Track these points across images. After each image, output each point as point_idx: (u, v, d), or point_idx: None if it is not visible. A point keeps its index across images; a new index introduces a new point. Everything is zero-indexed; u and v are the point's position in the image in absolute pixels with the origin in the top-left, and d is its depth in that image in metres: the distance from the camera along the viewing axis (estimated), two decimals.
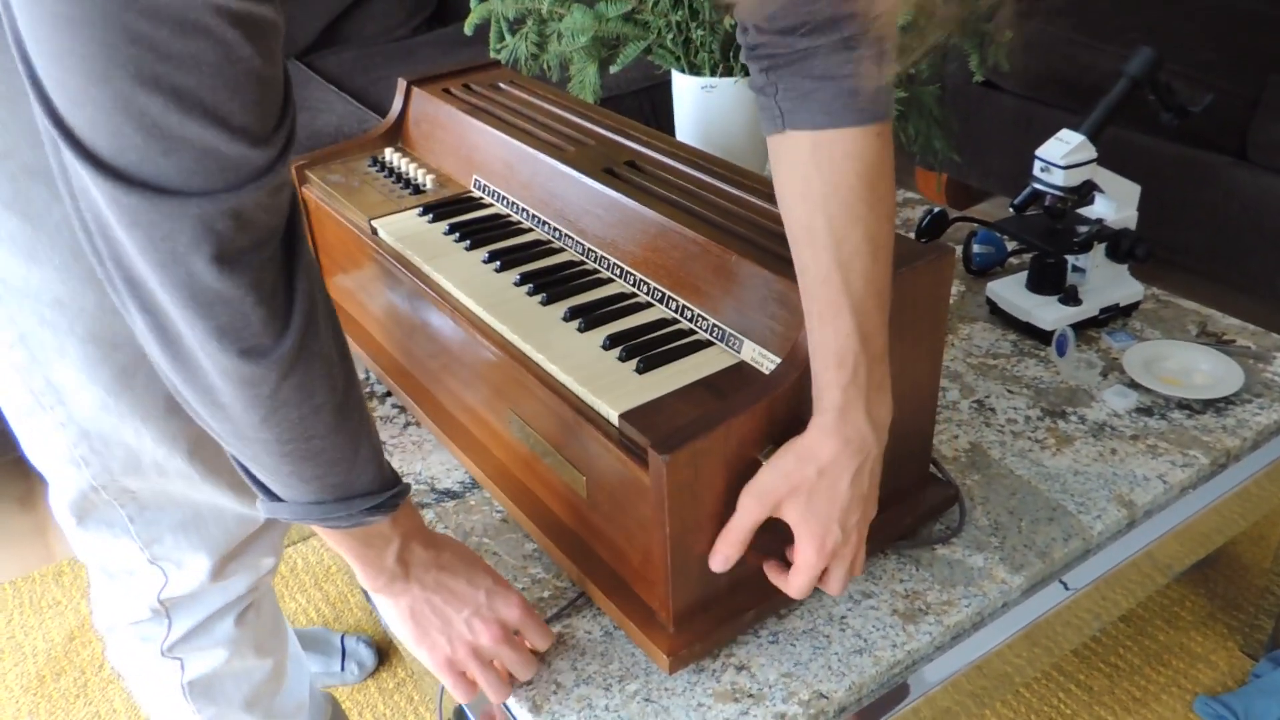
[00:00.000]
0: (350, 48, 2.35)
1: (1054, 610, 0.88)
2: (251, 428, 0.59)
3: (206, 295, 0.53)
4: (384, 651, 1.40)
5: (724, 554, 0.74)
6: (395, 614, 0.75)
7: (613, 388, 0.79)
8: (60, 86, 0.47)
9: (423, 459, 1.04)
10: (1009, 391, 1.11)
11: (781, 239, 0.83)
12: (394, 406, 1.13)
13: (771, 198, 0.89)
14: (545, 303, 0.90)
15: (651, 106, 2.10)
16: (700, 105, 1.42)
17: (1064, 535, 0.91)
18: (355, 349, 1.17)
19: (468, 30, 1.50)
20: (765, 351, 0.79)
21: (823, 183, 0.67)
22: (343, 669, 1.34)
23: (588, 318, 0.87)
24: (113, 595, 0.85)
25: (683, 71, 1.42)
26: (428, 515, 0.97)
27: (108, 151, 0.48)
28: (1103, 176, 1.17)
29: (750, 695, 0.78)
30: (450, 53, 2.22)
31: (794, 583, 0.74)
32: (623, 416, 0.75)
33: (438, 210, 1.08)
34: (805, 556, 0.73)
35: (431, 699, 1.32)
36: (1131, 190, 1.20)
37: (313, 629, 1.39)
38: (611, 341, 0.84)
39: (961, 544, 0.91)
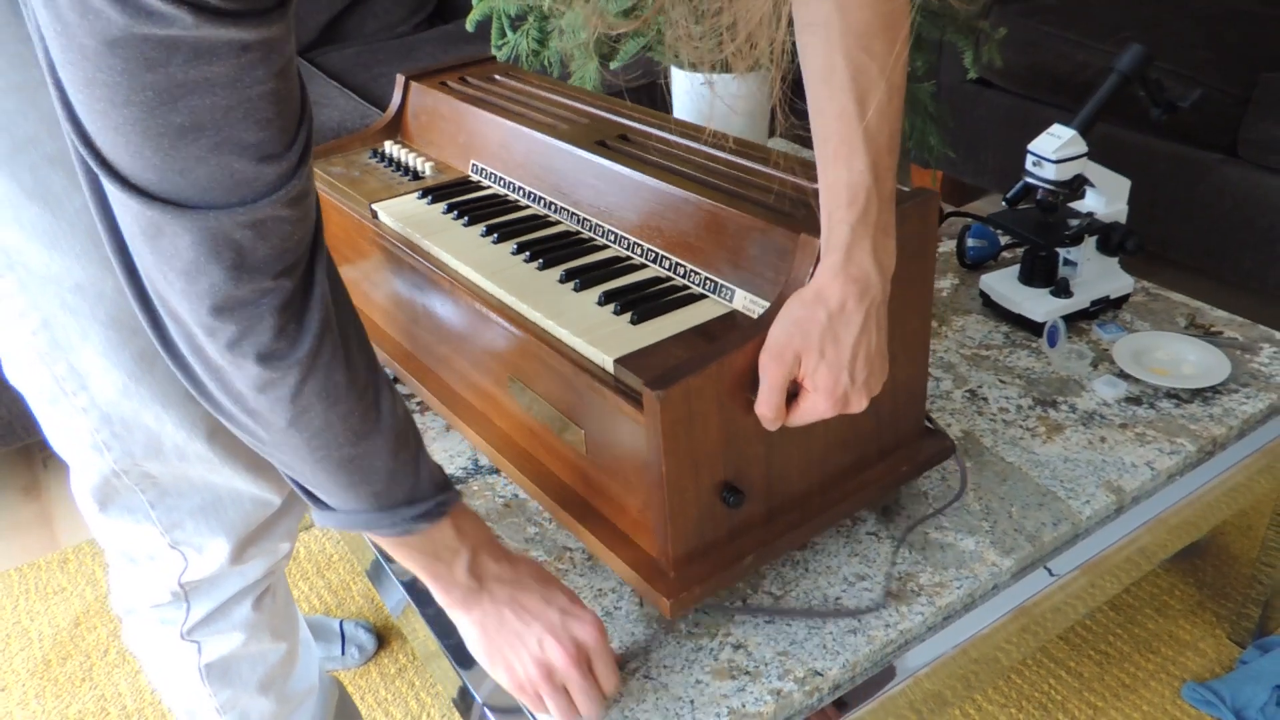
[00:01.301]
0: (352, 44, 2.36)
1: (1043, 593, 0.90)
2: (280, 433, 0.61)
3: (227, 303, 0.55)
4: (383, 636, 1.42)
5: (767, 419, 0.73)
6: (470, 629, 0.76)
7: (608, 338, 0.81)
8: (87, 109, 0.50)
9: (429, 443, 1.06)
10: (1001, 381, 1.13)
11: (772, 193, 0.86)
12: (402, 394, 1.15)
13: (761, 159, 0.92)
14: (542, 268, 0.93)
15: (650, 103, 2.12)
16: (698, 101, 1.44)
17: (1054, 520, 0.94)
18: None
19: (469, 26, 1.52)
20: (756, 299, 0.82)
21: (843, 22, 0.68)
22: (343, 653, 1.36)
23: (583, 278, 0.89)
24: (133, 579, 0.87)
25: (681, 68, 1.44)
26: None
27: (129, 169, 0.51)
28: (1093, 171, 1.19)
29: (747, 673, 0.80)
30: (451, 49, 2.24)
31: (795, 419, 0.74)
32: (618, 361, 0.77)
33: (436, 193, 1.10)
34: (815, 405, 0.73)
35: (432, 684, 1.34)
36: (1122, 184, 1.22)
37: (312, 616, 1.41)
38: (606, 298, 0.86)
39: (953, 527, 0.93)
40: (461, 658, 0.86)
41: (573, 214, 1.00)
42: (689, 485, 0.76)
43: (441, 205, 1.07)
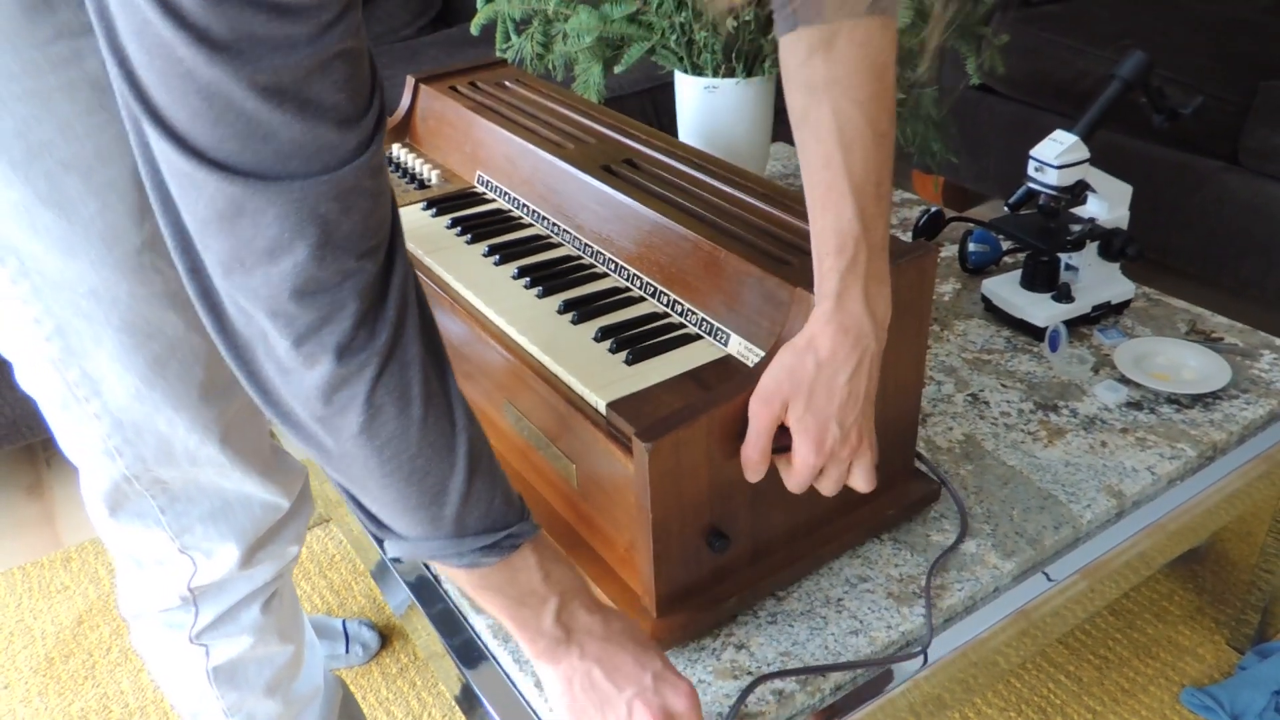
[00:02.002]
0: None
1: (1043, 597, 0.91)
2: (351, 441, 0.59)
3: (309, 286, 0.53)
4: (386, 635, 1.42)
5: (752, 464, 0.73)
6: (554, 683, 0.72)
7: (603, 378, 0.82)
8: (161, 84, 0.48)
9: None
10: (1002, 385, 1.14)
11: (773, 238, 0.86)
12: None
13: (767, 197, 0.92)
14: (541, 295, 0.93)
15: (654, 107, 2.13)
16: (702, 106, 1.45)
17: (1054, 523, 0.94)
18: None
19: (474, 30, 1.53)
20: (751, 346, 0.82)
21: (829, 71, 0.68)
22: (347, 651, 1.37)
23: (581, 310, 0.90)
24: (141, 584, 0.87)
25: (686, 72, 1.45)
26: None
27: (208, 142, 0.50)
28: (1095, 177, 1.20)
29: (749, 673, 0.81)
30: (456, 53, 2.25)
31: (791, 481, 0.74)
32: (610, 405, 0.78)
33: (441, 205, 1.10)
34: (803, 455, 0.71)
35: (433, 683, 1.34)
36: (1123, 190, 1.23)
37: (315, 616, 1.41)
38: (603, 334, 0.87)
39: (954, 530, 0.93)
40: (467, 657, 0.87)
41: (575, 238, 1.00)
42: (675, 530, 0.77)
43: (446, 219, 1.08)
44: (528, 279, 0.96)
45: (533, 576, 0.68)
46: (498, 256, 1.00)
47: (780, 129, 2.29)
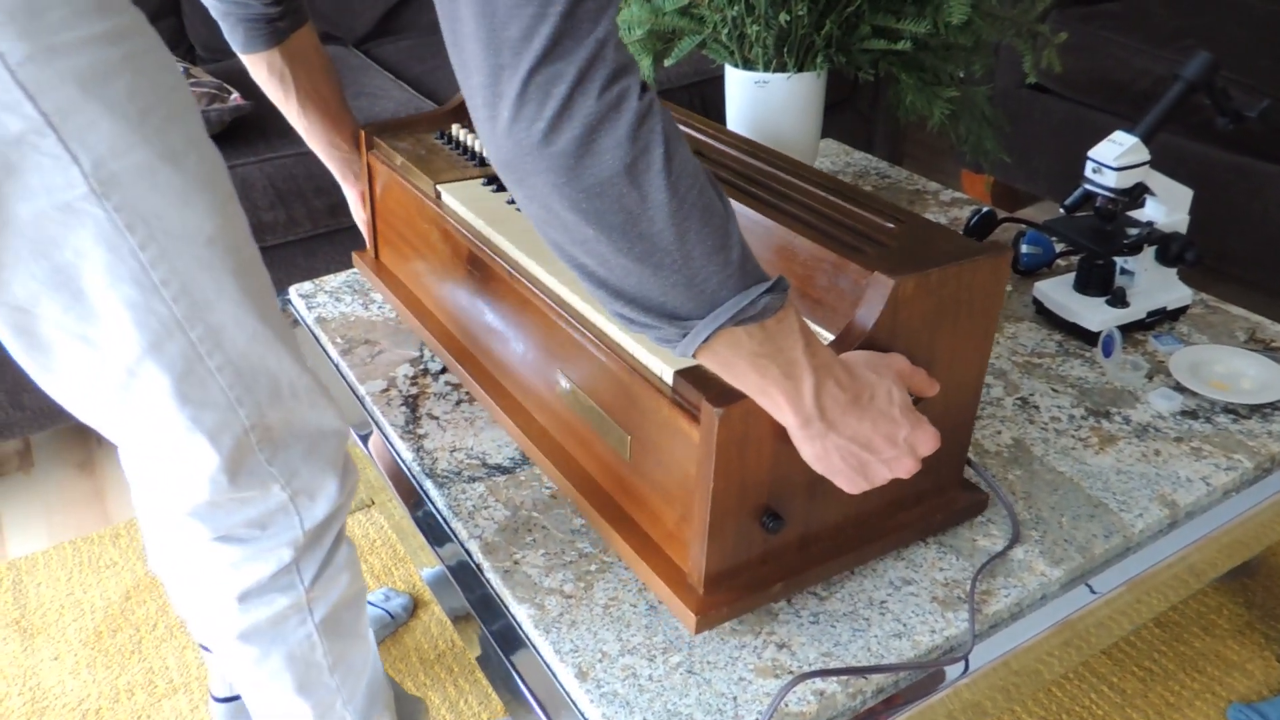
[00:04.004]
0: (407, 37, 2.39)
1: (1090, 607, 0.89)
2: (657, 179, 0.56)
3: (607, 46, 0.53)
4: (416, 604, 1.43)
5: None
6: (811, 454, 0.73)
7: (668, 352, 0.81)
8: None
9: (474, 435, 1.07)
10: (1053, 390, 1.12)
11: (843, 226, 0.86)
12: (447, 384, 1.16)
13: (829, 188, 0.91)
14: None
15: (702, 101, 2.12)
16: (752, 100, 1.44)
17: (1105, 532, 0.93)
18: (410, 320, 1.21)
19: None
20: (821, 329, 0.82)
21: None
22: (388, 613, 1.39)
23: None
24: (254, 556, 0.86)
25: (736, 66, 1.44)
26: (479, 489, 1.00)
27: None
28: (1155, 180, 1.17)
29: (790, 672, 0.80)
30: None
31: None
32: (678, 374, 0.78)
33: (500, 182, 1.11)
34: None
35: (470, 669, 1.35)
36: (1184, 194, 1.20)
37: None
38: None
39: (1002, 535, 0.92)
40: (505, 643, 0.87)
41: None
42: (733, 505, 0.77)
43: (506, 195, 1.08)
44: None
45: (797, 343, 0.66)
46: None
47: (829, 125, 2.27)
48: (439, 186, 1.10)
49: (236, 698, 1.24)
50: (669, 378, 0.79)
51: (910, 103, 1.45)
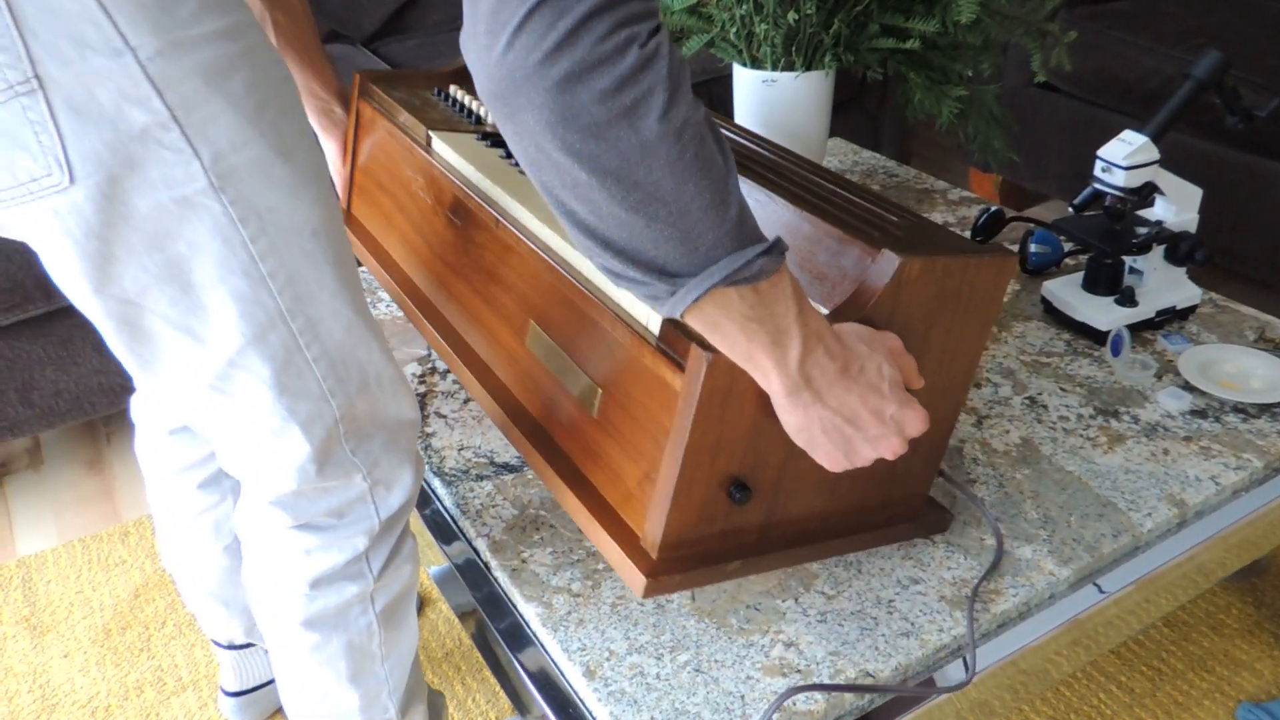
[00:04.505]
0: (414, 36, 2.39)
1: (1098, 606, 0.89)
2: (655, 124, 0.54)
3: None
4: (423, 603, 1.44)
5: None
6: (798, 426, 0.71)
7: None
8: None
9: (482, 433, 1.07)
10: (1062, 389, 1.12)
11: (843, 208, 0.84)
12: (455, 382, 1.16)
13: (836, 179, 0.91)
14: None
15: (710, 99, 2.12)
16: (760, 99, 1.44)
17: (1113, 531, 0.92)
18: (377, 272, 1.19)
19: None
20: (818, 306, 0.80)
21: None
22: None
23: None
24: (329, 545, 0.86)
25: (744, 65, 1.44)
26: (486, 487, 1.00)
27: None
28: (1164, 179, 1.17)
29: (798, 671, 0.80)
30: None
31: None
32: (667, 321, 0.75)
33: (497, 139, 1.08)
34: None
35: (479, 667, 1.35)
36: (1193, 194, 1.20)
37: None
38: None
39: (1010, 535, 0.92)
40: (514, 641, 0.87)
41: None
42: (704, 465, 0.73)
43: (500, 151, 1.06)
44: None
45: (789, 309, 0.64)
46: None
47: (837, 124, 2.27)
48: (431, 133, 1.08)
49: (249, 690, 1.25)
50: (655, 326, 0.77)
51: (919, 102, 1.45)
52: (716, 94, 2.11)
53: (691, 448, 0.72)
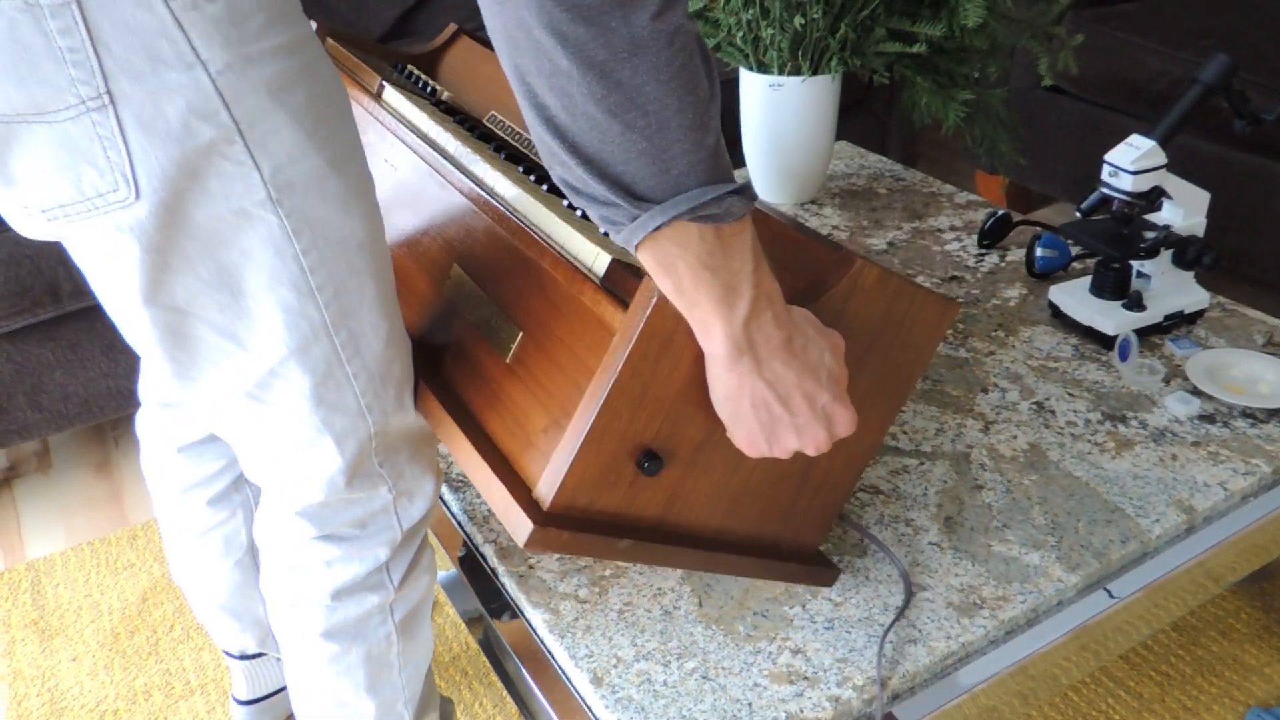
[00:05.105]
0: (423, 39, 2.40)
1: (1107, 612, 0.89)
2: (648, 23, 0.52)
3: None
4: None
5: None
6: (727, 390, 0.68)
7: (602, 243, 0.76)
8: None
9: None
10: (1069, 394, 1.11)
11: (799, 228, 0.81)
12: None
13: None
14: (549, 190, 0.87)
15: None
16: (766, 103, 1.44)
17: (1121, 537, 0.92)
18: None
19: None
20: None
21: None
22: None
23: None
24: (351, 556, 0.86)
25: (751, 69, 1.44)
26: (470, 496, 1.00)
27: None
28: (1172, 183, 1.17)
29: (805, 678, 0.80)
30: None
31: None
32: (616, 261, 0.73)
33: (447, 108, 1.05)
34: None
35: (485, 672, 1.36)
36: (1201, 197, 1.20)
37: None
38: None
39: (1018, 541, 0.92)
40: (523, 650, 0.87)
41: None
42: (623, 416, 0.69)
43: (453, 119, 1.02)
44: (534, 176, 0.89)
45: (746, 263, 0.61)
46: (504, 155, 0.94)
47: (843, 127, 2.27)
48: (385, 83, 1.05)
49: (261, 699, 1.25)
50: (601, 268, 0.74)
51: (925, 105, 1.45)
52: (722, 98, 2.11)
53: (616, 390, 0.67)
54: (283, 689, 1.27)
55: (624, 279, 0.71)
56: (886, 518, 0.95)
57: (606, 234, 0.61)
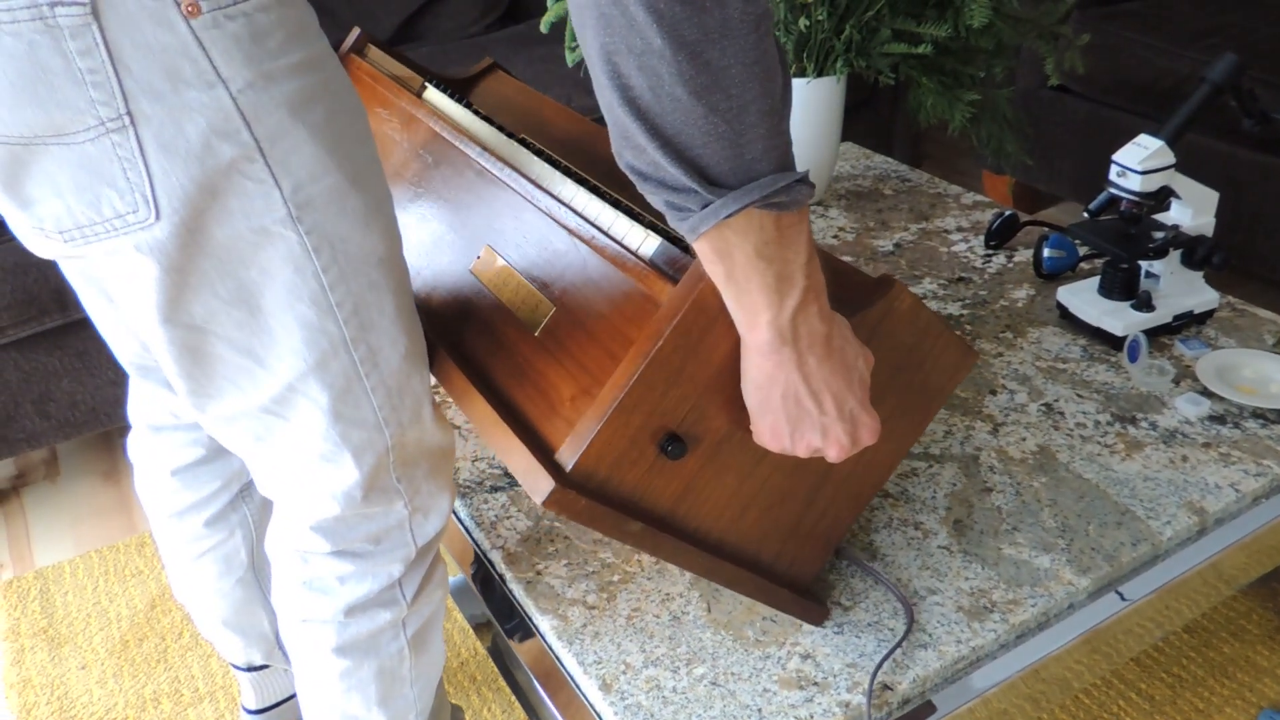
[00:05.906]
0: (425, 44, 2.40)
1: (1118, 615, 0.88)
2: (739, 6, 0.53)
3: None
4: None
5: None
6: (756, 377, 0.68)
7: (650, 228, 0.77)
8: None
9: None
10: (1079, 396, 1.11)
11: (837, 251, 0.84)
12: None
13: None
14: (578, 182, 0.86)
15: None
16: None
17: (1132, 540, 0.92)
18: None
19: (543, 28, 1.53)
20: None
21: None
22: None
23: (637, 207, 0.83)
24: (364, 573, 0.86)
25: None
26: (501, 499, 1.00)
27: None
28: (1180, 183, 1.16)
29: (815, 683, 0.80)
30: (523, 50, 2.26)
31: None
32: (666, 241, 0.73)
33: (485, 118, 1.04)
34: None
35: (493, 677, 1.35)
36: (1209, 197, 1.19)
37: None
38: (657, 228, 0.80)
39: (1028, 544, 0.91)
40: (533, 657, 0.87)
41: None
42: (656, 390, 0.69)
43: (491, 125, 1.02)
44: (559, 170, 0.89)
45: (800, 253, 0.62)
46: (543, 159, 0.93)
47: (848, 128, 2.26)
48: (426, 83, 1.06)
49: (271, 708, 1.25)
50: (649, 248, 0.74)
51: (931, 106, 1.45)
52: None
53: (658, 358, 0.67)
54: (292, 696, 1.26)
55: (673, 259, 0.72)
56: (895, 521, 0.95)
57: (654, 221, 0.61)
